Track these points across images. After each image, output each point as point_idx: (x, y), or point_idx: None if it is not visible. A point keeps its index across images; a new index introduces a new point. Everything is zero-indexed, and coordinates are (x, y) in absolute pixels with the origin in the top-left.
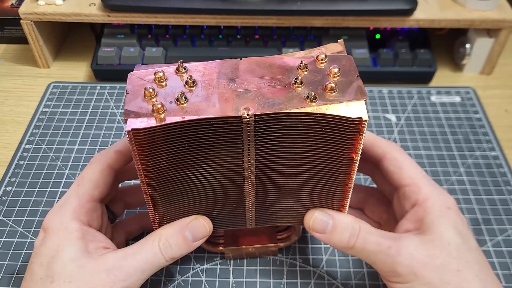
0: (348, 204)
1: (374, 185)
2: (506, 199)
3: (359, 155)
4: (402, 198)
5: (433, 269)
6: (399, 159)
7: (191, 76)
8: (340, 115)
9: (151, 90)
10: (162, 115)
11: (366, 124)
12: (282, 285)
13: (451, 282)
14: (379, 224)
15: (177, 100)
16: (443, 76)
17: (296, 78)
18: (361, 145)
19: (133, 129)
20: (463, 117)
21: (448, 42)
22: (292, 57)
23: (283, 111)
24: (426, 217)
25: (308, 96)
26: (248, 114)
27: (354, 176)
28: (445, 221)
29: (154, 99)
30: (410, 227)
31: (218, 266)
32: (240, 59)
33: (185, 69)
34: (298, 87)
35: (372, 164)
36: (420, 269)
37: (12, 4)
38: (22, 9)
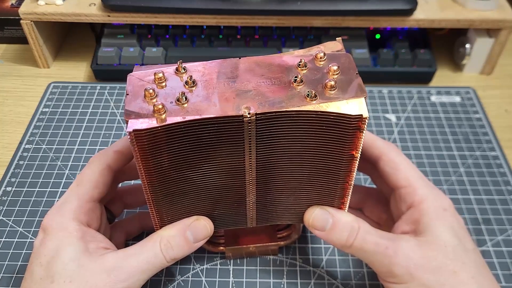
0: (348, 201)
1: (374, 185)
2: (506, 199)
3: (360, 152)
4: (398, 199)
5: (429, 270)
6: (395, 160)
7: (191, 76)
8: (341, 112)
9: (151, 90)
10: (163, 116)
11: (367, 121)
12: (282, 285)
13: (447, 283)
14: (378, 225)
15: (178, 100)
16: (443, 76)
17: (296, 77)
18: (362, 142)
19: (134, 130)
20: (463, 117)
21: (448, 42)
22: (291, 56)
23: (284, 110)
24: (422, 219)
25: (308, 94)
26: (249, 113)
27: (355, 174)
28: (441, 222)
29: (154, 100)
30: (406, 228)
31: (218, 266)
32: (239, 58)
33: (184, 69)
34: (298, 85)
35: (370, 164)
36: (416, 270)
37: (12, 4)
38: (22, 9)
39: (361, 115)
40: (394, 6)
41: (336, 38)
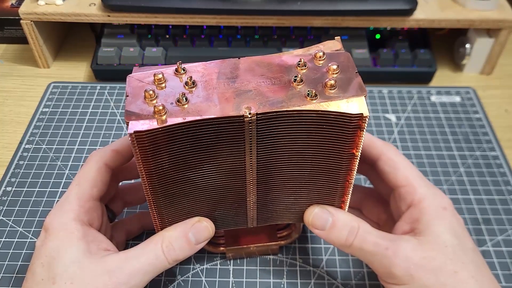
0: (348, 200)
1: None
2: (506, 199)
3: (360, 150)
4: (398, 199)
5: (429, 271)
6: (394, 159)
7: (190, 77)
8: (341, 111)
9: (151, 92)
10: (164, 117)
11: (367, 120)
12: (282, 285)
13: (447, 284)
14: (378, 225)
15: (178, 101)
16: (443, 76)
17: (295, 76)
18: (362, 140)
19: (135, 132)
20: (463, 117)
21: (448, 42)
22: (290, 56)
23: (285, 109)
24: (422, 218)
25: (308, 93)
26: (250, 113)
27: (355, 172)
28: (441, 222)
29: (154, 101)
30: (407, 228)
31: (218, 266)
32: (239, 58)
33: (184, 70)
34: (298, 85)
35: (368, 164)
36: (417, 271)
37: (12, 4)
38: (22, 9)
39: (362, 114)
40: (394, 6)
41: (335, 37)
